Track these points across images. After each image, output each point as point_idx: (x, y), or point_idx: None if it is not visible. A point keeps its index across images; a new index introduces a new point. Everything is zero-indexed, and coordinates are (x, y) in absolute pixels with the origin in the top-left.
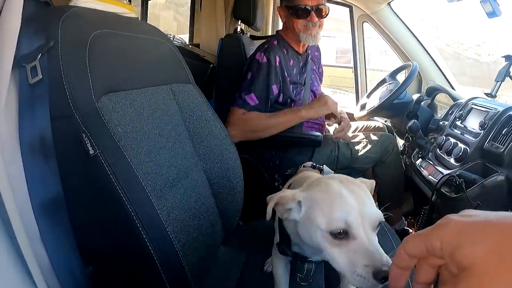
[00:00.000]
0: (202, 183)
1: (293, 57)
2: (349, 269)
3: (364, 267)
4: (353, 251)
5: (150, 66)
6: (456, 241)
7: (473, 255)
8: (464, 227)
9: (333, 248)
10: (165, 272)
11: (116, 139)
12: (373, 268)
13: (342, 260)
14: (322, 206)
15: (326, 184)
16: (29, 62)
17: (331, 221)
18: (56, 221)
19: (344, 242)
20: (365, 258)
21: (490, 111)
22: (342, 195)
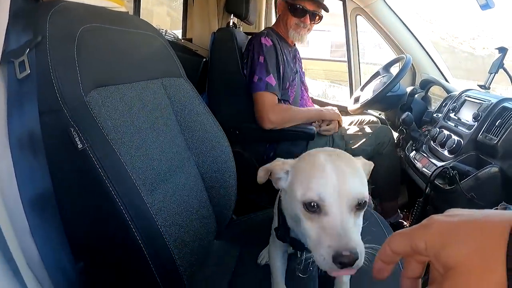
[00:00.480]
0: (194, 177)
1: (285, 47)
2: (315, 246)
3: (327, 248)
4: (322, 228)
5: (141, 60)
6: (440, 242)
7: (458, 254)
8: (448, 228)
9: (307, 221)
10: (155, 266)
11: (105, 133)
12: (334, 251)
13: (311, 235)
14: (302, 176)
15: (313, 156)
16: (17, 57)
17: (306, 191)
18: (46, 217)
19: (316, 217)
20: (331, 238)
21: (484, 102)
22: (323, 167)
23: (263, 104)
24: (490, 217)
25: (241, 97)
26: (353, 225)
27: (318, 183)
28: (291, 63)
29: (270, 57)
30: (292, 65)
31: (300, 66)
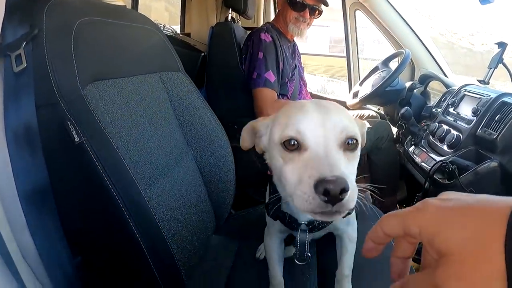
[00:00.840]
0: (192, 171)
1: (285, 42)
2: (294, 185)
3: (307, 179)
4: (304, 163)
5: (139, 54)
6: (434, 227)
7: (452, 241)
8: (443, 213)
9: (287, 163)
10: (153, 261)
11: (103, 126)
12: (316, 178)
13: (291, 175)
14: (281, 119)
15: (290, 104)
16: (14, 50)
17: (283, 130)
18: (43, 211)
19: (296, 156)
20: (312, 168)
21: (483, 97)
22: (302, 105)
23: (262, 100)
24: (486, 202)
25: (239, 92)
26: (344, 162)
27: (296, 119)
28: (290, 59)
29: (270, 53)
30: (291, 60)
31: (299, 61)
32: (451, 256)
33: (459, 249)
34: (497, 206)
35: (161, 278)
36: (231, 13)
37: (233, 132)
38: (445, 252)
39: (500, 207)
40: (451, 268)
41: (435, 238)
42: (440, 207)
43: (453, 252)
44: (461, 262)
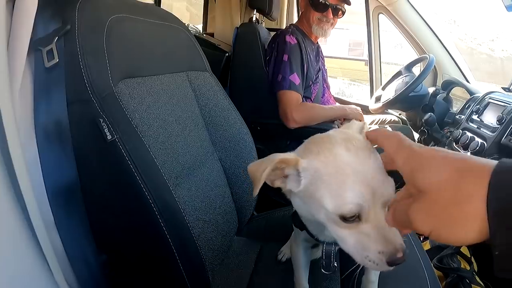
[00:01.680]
0: (217, 172)
1: (309, 44)
2: (360, 253)
3: (378, 254)
4: (364, 234)
5: (167, 52)
6: (416, 163)
7: (430, 181)
8: (426, 155)
9: (343, 229)
10: (182, 261)
11: (134, 124)
12: (387, 256)
13: (352, 243)
14: (330, 184)
15: (331, 152)
16: (45, 45)
17: (342, 204)
18: (70, 208)
19: (354, 225)
20: (378, 244)
21: (508, 105)
22: (353, 170)
23: (287, 103)
24: (468, 159)
25: (263, 93)
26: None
27: (355, 192)
28: (314, 61)
29: (295, 55)
30: (315, 63)
31: (323, 64)
32: (427, 194)
33: (436, 189)
34: (481, 163)
35: (188, 278)
36: (255, 14)
37: (256, 134)
38: (422, 188)
39: (483, 164)
40: (424, 204)
41: (415, 173)
42: (428, 150)
43: (429, 191)
44: (434, 201)
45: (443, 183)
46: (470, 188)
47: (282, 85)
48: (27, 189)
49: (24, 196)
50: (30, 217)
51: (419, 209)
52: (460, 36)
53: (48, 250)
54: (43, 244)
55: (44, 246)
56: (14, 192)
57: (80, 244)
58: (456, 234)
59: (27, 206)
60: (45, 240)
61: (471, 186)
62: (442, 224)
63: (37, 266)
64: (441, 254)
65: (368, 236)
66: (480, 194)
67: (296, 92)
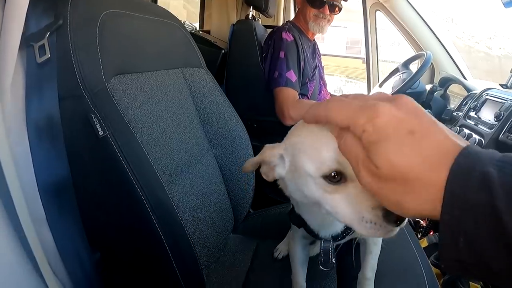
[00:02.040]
0: (213, 169)
1: (306, 41)
2: (355, 218)
3: (372, 210)
4: (354, 194)
5: (162, 49)
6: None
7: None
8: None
9: (333, 195)
10: (175, 259)
11: (127, 120)
12: (382, 209)
13: (344, 208)
14: (306, 150)
15: (306, 128)
16: (37, 40)
17: (321, 164)
18: (63, 205)
19: (341, 187)
20: (370, 199)
21: (506, 102)
22: (327, 132)
23: (284, 100)
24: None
25: (259, 90)
26: None
27: (330, 149)
28: (310, 58)
29: (291, 52)
30: (312, 60)
31: (319, 61)
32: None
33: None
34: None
35: (182, 276)
36: (251, 11)
37: (252, 131)
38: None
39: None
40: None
41: (377, 147)
42: (392, 118)
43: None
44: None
45: (395, 163)
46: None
47: (279, 82)
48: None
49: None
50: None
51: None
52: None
53: (37, 248)
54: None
55: (32, 245)
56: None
57: (73, 242)
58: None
59: (14, 204)
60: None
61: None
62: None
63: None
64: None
65: (357, 195)
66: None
67: (292, 89)
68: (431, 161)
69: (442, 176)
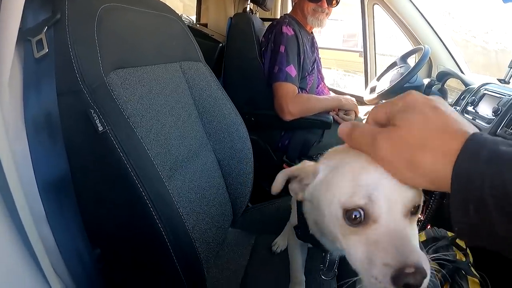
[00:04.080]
0: (212, 163)
1: (305, 35)
2: (364, 268)
3: (382, 267)
4: (373, 240)
5: (160, 42)
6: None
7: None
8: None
9: (350, 236)
10: (176, 254)
11: (126, 115)
12: (393, 269)
13: (357, 253)
14: (343, 174)
15: (353, 153)
16: (35, 35)
17: (349, 194)
18: (62, 202)
19: (361, 229)
20: (387, 253)
21: (504, 97)
22: (369, 164)
23: (283, 95)
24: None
25: (257, 84)
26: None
27: (367, 181)
28: (310, 52)
29: (291, 47)
30: (311, 53)
31: (317, 54)
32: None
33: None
34: (458, 130)
35: (183, 271)
36: (249, 4)
37: (250, 124)
38: (398, 123)
39: (461, 132)
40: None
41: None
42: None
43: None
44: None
45: (416, 124)
46: (438, 143)
47: (279, 76)
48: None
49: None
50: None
51: (387, 138)
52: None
53: (37, 245)
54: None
55: (33, 242)
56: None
57: (73, 239)
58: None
59: (15, 201)
60: (34, 235)
61: (440, 142)
62: (402, 161)
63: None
64: (436, 246)
65: (376, 243)
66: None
67: (292, 84)
68: (450, 131)
69: (456, 146)
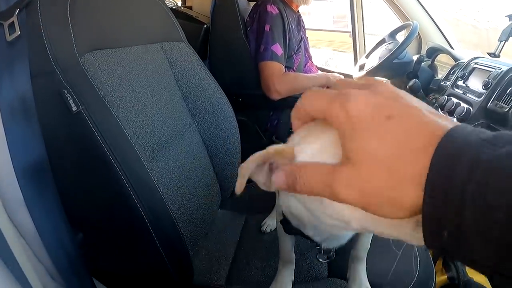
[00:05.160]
0: (197, 144)
1: (290, 14)
2: None
3: None
4: None
5: (139, 23)
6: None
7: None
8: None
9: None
10: (157, 235)
11: (102, 95)
12: None
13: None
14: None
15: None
16: (7, 19)
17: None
18: (41, 186)
19: None
20: None
21: (494, 70)
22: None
23: (269, 74)
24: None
25: (244, 64)
26: None
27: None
28: (295, 31)
29: (277, 26)
30: (297, 32)
31: (304, 32)
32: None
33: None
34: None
35: (166, 253)
36: None
37: (238, 105)
38: (352, 159)
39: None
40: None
41: (352, 136)
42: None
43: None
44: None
45: (373, 158)
46: (407, 172)
47: (264, 56)
48: None
49: None
50: None
51: (347, 185)
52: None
53: (8, 233)
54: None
55: (5, 230)
56: None
57: (53, 223)
58: (387, 213)
59: None
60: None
61: (408, 170)
62: (372, 205)
63: None
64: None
65: None
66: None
67: (278, 63)
68: (416, 148)
69: (426, 162)
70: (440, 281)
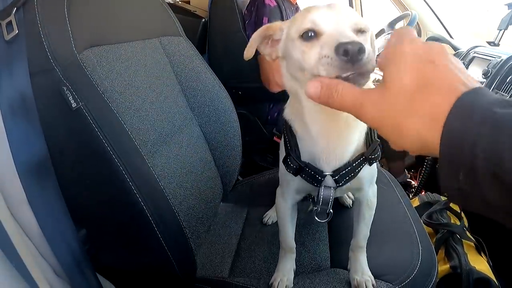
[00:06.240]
0: (197, 138)
1: (288, 6)
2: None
3: (327, 48)
4: (321, 44)
5: (137, 19)
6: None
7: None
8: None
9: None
10: (160, 229)
11: (101, 91)
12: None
13: (312, 56)
14: (297, 18)
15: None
16: (4, 18)
17: (300, 25)
18: (43, 183)
19: (315, 42)
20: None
21: (494, 59)
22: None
23: (268, 67)
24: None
25: (242, 57)
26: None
27: (311, 13)
28: None
29: (275, 18)
30: None
31: None
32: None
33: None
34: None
35: (169, 247)
36: None
37: (238, 98)
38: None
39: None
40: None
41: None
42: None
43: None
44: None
45: (405, 86)
46: (427, 107)
47: None
48: None
49: None
50: None
51: (374, 103)
52: None
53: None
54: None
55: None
56: None
57: (57, 220)
58: (397, 142)
59: None
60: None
61: (428, 105)
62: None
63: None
64: (430, 210)
65: (324, 44)
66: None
67: None
68: (442, 91)
69: (446, 108)
70: (442, 270)
